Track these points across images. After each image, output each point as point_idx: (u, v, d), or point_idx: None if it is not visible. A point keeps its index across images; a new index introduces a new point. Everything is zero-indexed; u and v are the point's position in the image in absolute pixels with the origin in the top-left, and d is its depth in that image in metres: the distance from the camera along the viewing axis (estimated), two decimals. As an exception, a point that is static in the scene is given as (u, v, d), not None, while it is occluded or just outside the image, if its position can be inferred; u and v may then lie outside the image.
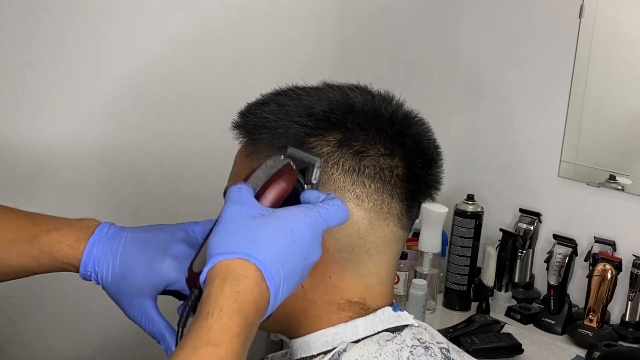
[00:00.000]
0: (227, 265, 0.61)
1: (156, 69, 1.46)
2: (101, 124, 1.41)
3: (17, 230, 0.78)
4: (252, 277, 0.61)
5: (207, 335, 0.57)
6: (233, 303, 0.59)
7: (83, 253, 0.75)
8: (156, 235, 0.77)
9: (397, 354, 0.73)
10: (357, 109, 0.75)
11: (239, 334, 0.58)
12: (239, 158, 0.79)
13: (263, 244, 0.62)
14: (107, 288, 0.76)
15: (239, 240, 0.62)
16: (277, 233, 0.63)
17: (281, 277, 0.62)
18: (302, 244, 0.64)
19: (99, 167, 1.42)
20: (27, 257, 0.77)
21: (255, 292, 0.60)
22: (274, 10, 1.63)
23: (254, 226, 0.63)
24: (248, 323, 0.59)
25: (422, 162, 0.76)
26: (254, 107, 0.78)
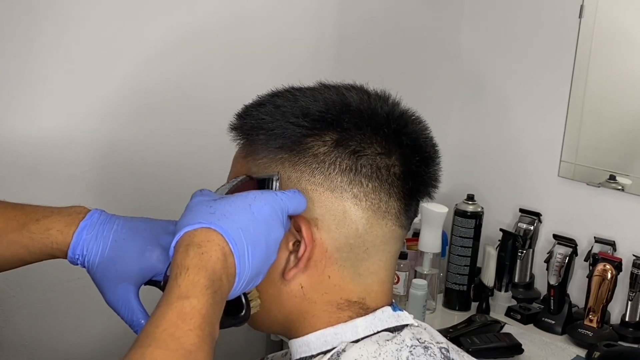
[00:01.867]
0: (190, 234, 0.65)
1: (155, 69, 1.46)
2: (100, 123, 1.41)
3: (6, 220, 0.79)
4: (214, 240, 0.64)
5: (178, 291, 0.61)
6: (198, 262, 0.63)
7: (72, 237, 0.76)
8: (148, 226, 0.78)
9: (396, 353, 0.73)
10: (353, 109, 0.75)
11: (207, 286, 0.62)
12: (237, 160, 0.80)
13: (223, 214, 0.66)
14: (92, 272, 0.77)
15: (200, 215, 0.66)
16: (236, 207, 0.67)
17: (244, 243, 0.66)
18: (261, 217, 0.68)
19: (98, 166, 1.42)
20: (17, 246, 0.78)
21: (218, 252, 0.64)
22: (273, 10, 1.63)
23: (214, 204, 0.68)
24: (216, 278, 0.63)
25: (419, 161, 0.77)
26: (251, 108, 0.79)
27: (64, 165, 1.37)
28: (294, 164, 0.74)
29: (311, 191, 0.74)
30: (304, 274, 0.75)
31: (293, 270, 0.74)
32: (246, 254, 0.66)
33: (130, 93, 1.44)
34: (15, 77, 1.29)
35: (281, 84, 0.81)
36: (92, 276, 0.77)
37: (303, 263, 0.74)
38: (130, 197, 1.47)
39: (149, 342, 0.59)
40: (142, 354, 0.58)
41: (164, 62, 1.47)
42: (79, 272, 1.39)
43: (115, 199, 1.45)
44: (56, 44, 1.31)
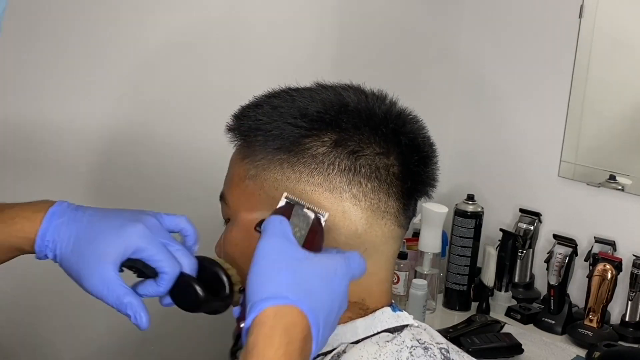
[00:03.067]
0: (275, 312, 0.59)
1: (155, 69, 1.46)
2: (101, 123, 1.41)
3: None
4: (300, 325, 0.59)
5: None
6: (281, 356, 0.57)
7: (41, 223, 0.73)
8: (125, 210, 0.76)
9: (396, 354, 0.73)
10: (351, 109, 0.75)
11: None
12: (234, 161, 0.80)
13: (309, 290, 0.61)
14: (65, 258, 0.73)
15: (284, 284, 0.61)
16: (320, 280, 0.63)
17: (322, 324, 0.61)
18: (339, 292, 0.64)
19: (98, 166, 1.42)
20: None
21: (302, 342, 0.59)
22: (273, 11, 1.63)
23: (300, 269, 0.62)
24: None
25: (418, 160, 0.77)
26: (248, 109, 0.79)
27: (65, 165, 1.37)
28: (292, 164, 0.74)
29: (310, 192, 0.73)
30: None
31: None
32: (321, 335, 0.62)
33: (130, 93, 1.44)
34: (16, 76, 1.28)
35: (280, 84, 0.80)
36: (66, 263, 0.73)
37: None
38: (131, 197, 1.47)
39: None
40: None
41: (164, 62, 1.47)
42: (79, 272, 1.40)
43: (115, 199, 1.45)
44: (57, 43, 1.31)
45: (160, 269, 0.72)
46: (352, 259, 0.67)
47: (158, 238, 0.73)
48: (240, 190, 0.77)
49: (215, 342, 1.50)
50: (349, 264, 0.66)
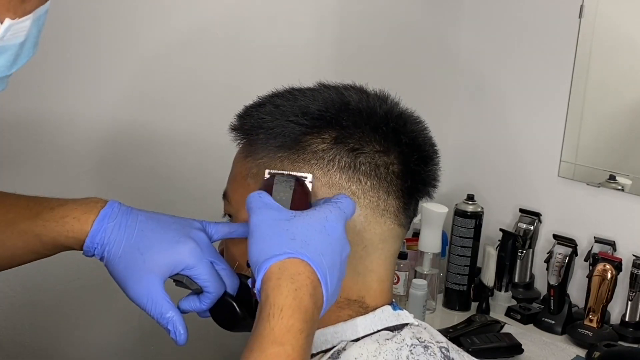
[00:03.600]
0: (279, 266, 0.62)
1: (157, 69, 1.46)
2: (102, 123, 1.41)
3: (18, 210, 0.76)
4: (304, 272, 0.62)
5: (272, 335, 0.59)
6: (292, 301, 0.60)
7: (92, 225, 0.73)
8: (174, 220, 0.76)
9: (396, 352, 0.73)
10: (352, 107, 0.76)
11: (302, 330, 0.60)
12: (237, 160, 0.80)
13: (304, 241, 0.64)
14: (113, 262, 0.73)
15: (282, 242, 0.64)
16: (313, 230, 0.65)
17: (326, 269, 0.64)
18: (335, 236, 0.66)
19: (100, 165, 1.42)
20: (29, 236, 0.75)
21: (310, 287, 0.62)
22: (274, 12, 1.63)
23: (290, 226, 0.65)
24: (308, 318, 0.61)
25: (418, 159, 0.77)
26: (251, 109, 0.80)
27: (67, 164, 1.37)
28: (293, 161, 0.74)
29: None
30: None
31: None
32: (328, 280, 0.64)
33: (133, 93, 1.44)
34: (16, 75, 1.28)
35: (282, 84, 0.81)
36: (112, 267, 0.74)
37: None
38: (132, 196, 1.47)
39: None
40: None
41: (166, 62, 1.47)
42: (78, 272, 1.40)
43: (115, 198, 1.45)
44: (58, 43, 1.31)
45: (206, 289, 0.74)
46: (340, 201, 0.69)
47: (207, 257, 0.74)
48: (243, 188, 0.77)
49: (215, 342, 1.51)
50: (338, 207, 0.68)
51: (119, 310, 1.48)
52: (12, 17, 0.57)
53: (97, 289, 1.45)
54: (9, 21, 0.56)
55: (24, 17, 0.58)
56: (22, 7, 0.58)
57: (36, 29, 0.61)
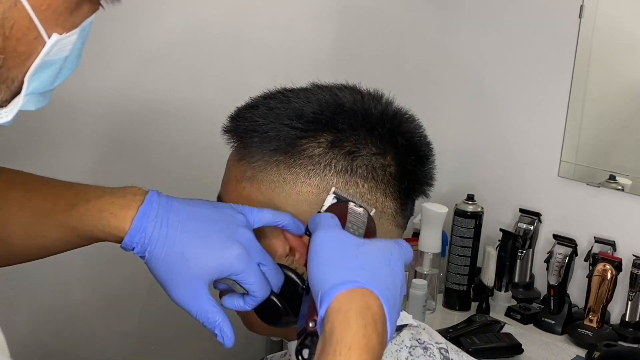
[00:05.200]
0: (348, 296, 0.59)
1: (155, 69, 1.46)
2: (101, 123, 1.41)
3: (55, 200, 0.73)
4: (374, 306, 0.59)
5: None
6: (361, 339, 0.57)
7: (131, 222, 0.69)
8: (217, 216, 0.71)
9: (395, 354, 0.73)
10: (347, 109, 0.75)
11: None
12: (231, 163, 0.80)
13: (373, 272, 0.61)
14: (154, 263, 0.69)
15: (351, 269, 0.61)
16: (380, 262, 0.63)
17: (391, 305, 0.61)
18: (398, 273, 0.64)
19: (100, 165, 1.42)
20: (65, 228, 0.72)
21: (378, 324, 0.59)
22: (273, 12, 1.63)
23: (359, 254, 0.62)
24: (374, 358, 0.58)
25: (415, 160, 0.77)
26: (244, 111, 0.79)
27: (66, 164, 1.37)
28: (289, 166, 0.74)
29: (307, 193, 0.74)
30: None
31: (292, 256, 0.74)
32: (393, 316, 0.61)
33: (129, 92, 1.44)
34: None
35: (280, 84, 0.80)
36: (155, 269, 0.70)
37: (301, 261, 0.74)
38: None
39: None
40: None
41: (164, 62, 1.47)
42: (78, 272, 1.40)
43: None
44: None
45: (252, 292, 0.70)
46: (402, 243, 0.67)
47: (254, 260, 0.70)
48: (237, 191, 0.77)
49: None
50: (400, 247, 0.66)
51: (119, 310, 1.48)
52: (60, 32, 0.55)
53: (97, 289, 1.45)
54: (57, 36, 0.55)
55: (72, 31, 0.56)
56: (70, 21, 0.56)
57: (80, 42, 0.59)
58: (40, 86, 0.57)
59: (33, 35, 0.54)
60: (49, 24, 0.54)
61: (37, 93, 0.58)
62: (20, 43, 0.54)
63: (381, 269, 0.62)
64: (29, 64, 0.55)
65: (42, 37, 0.54)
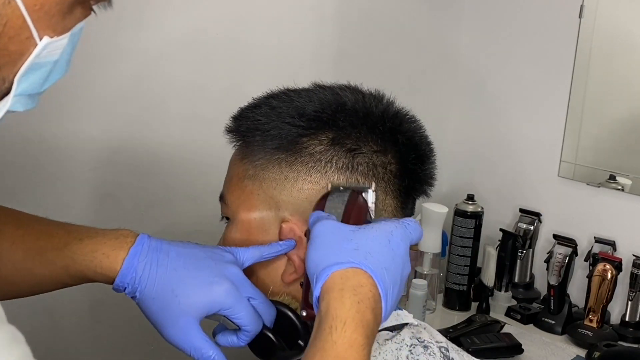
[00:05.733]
0: (341, 275, 0.61)
1: (156, 70, 1.46)
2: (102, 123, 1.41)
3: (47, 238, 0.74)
4: (367, 285, 0.61)
5: (334, 349, 0.58)
6: (355, 314, 0.59)
7: (122, 263, 0.71)
8: (206, 255, 0.73)
9: (396, 352, 0.73)
10: (348, 108, 0.76)
11: (364, 346, 0.59)
12: (233, 162, 0.80)
13: (368, 252, 0.63)
14: (146, 302, 0.71)
15: (345, 251, 0.63)
16: (378, 243, 0.64)
17: (388, 284, 0.63)
18: (398, 253, 0.66)
19: (100, 165, 1.42)
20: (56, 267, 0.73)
21: (372, 301, 0.61)
22: (273, 13, 1.63)
23: (354, 237, 0.64)
24: (369, 333, 0.60)
25: (415, 158, 0.77)
26: (247, 110, 0.79)
27: (66, 164, 1.37)
28: (290, 163, 0.74)
29: (308, 190, 0.74)
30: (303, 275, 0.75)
31: (293, 275, 0.75)
32: (389, 295, 0.63)
33: (132, 93, 1.44)
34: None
35: (281, 85, 0.81)
36: (146, 308, 0.72)
37: (301, 269, 0.74)
38: (132, 197, 1.47)
39: None
40: None
41: (164, 64, 1.47)
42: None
43: (116, 199, 1.45)
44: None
45: (244, 328, 0.71)
46: (408, 222, 0.68)
47: (243, 294, 0.71)
48: (240, 190, 0.77)
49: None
50: (405, 227, 0.67)
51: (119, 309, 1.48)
52: (51, 35, 0.55)
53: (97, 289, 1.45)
54: (47, 39, 0.55)
55: (63, 35, 0.57)
56: (62, 25, 0.56)
57: (70, 47, 0.60)
58: (29, 88, 0.58)
59: (25, 35, 0.54)
60: (41, 26, 0.55)
61: (25, 95, 0.58)
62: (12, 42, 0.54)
63: (378, 250, 0.63)
64: (20, 64, 0.55)
65: (33, 37, 0.55)
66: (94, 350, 1.49)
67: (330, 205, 0.69)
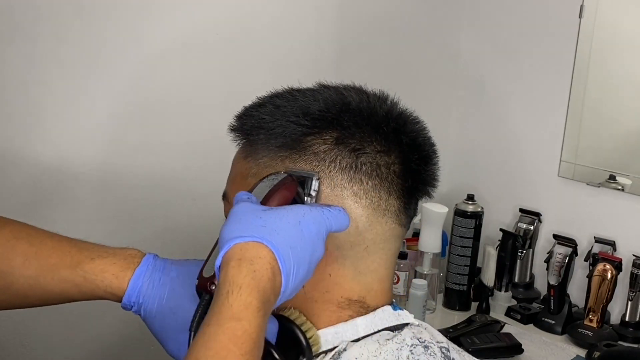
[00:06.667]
0: (241, 247, 0.63)
1: (156, 72, 1.46)
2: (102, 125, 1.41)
3: (60, 255, 0.78)
4: (266, 257, 0.63)
5: (230, 311, 0.60)
6: (251, 281, 0.61)
7: (128, 283, 0.75)
8: None
9: (396, 353, 0.73)
10: (352, 108, 0.76)
11: (259, 309, 0.61)
12: (237, 160, 0.80)
13: (274, 230, 0.65)
14: (149, 320, 0.76)
15: (251, 227, 0.65)
16: (286, 222, 0.66)
17: (292, 262, 0.64)
18: (309, 235, 0.67)
19: (98, 166, 1.42)
20: (68, 284, 0.77)
21: (269, 272, 0.62)
22: (273, 13, 1.63)
23: (265, 216, 0.66)
24: (265, 299, 0.62)
25: (419, 159, 0.77)
26: (251, 109, 0.79)
27: (64, 165, 1.37)
28: (294, 161, 0.74)
29: None
30: None
31: None
32: (292, 273, 0.65)
33: (131, 95, 1.44)
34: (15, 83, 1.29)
35: (282, 85, 0.81)
36: (149, 324, 0.76)
37: None
38: (131, 197, 1.47)
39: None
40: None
41: (165, 65, 1.47)
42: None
43: (115, 199, 1.45)
44: (57, 47, 1.32)
45: None
46: (329, 209, 0.70)
47: None
48: (243, 188, 0.77)
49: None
50: (322, 212, 0.69)
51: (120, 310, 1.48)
52: None
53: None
54: None
55: None
56: None
57: None
58: None
59: None
60: None
61: None
62: None
63: (286, 229, 0.65)
64: None
65: None
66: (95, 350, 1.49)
67: (259, 189, 0.72)
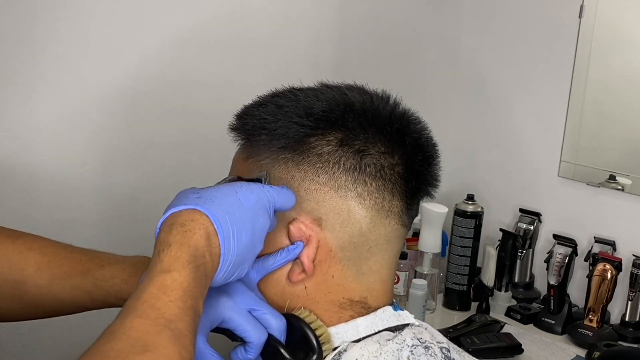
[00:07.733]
0: (174, 215, 0.65)
1: (154, 69, 1.46)
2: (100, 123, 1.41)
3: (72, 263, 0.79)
4: (198, 220, 0.64)
5: (160, 266, 0.62)
6: (180, 238, 0.63)
7: None
8: None
9: (397, 353, 0.73)
10: (356, 108, 0.75)
11: (189, 261, 0.62)
12: (237, 161, 0.79)
13: (209, 198, 0.67)
14: None
15: (186, 199, 0.67)
16: (222, 192, 0.68)
17: (229, 225, 0.66)
18: (247, 204, 0.68)
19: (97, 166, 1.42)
20: (80, 291, 0.79)
21: (202, 231, 0.64)
22: (273, 11, 1.63)
23: (202, 190, 0.68)
24: (198, 254, 0.63)
25: (422, 160, 0.77)
26: (252, 108, 0.79)
27: (62, 166, 1.37)
28: (297, 163, 0.74)
29: (315, 191, 0.73)
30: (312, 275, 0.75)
31: (301, 274, 0.74)
32: (231, 236, 0.66)
33: (129, 93, 1.44)
34: (13, 78, 1.28)
35: (281, 84, 0.80)
36: None
37: (310, 270, 0.74)
38: (130, 197, 1.47)
39: (128, 313, 0.59)
40: (122, 324, 0.58)
41: (163, 62, 1.47)
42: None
43: (114, 199, 1.45)
44: (55, 45, 1.31)
45: (247, 339, 0.72)
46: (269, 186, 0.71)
47: (243, 306, 0.72)
48: None
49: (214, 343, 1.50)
50: (260, 187, 0.70)
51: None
52: None
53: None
54: None
55: None
56: None
57: None
58: None
59: None
60: None
61: None
62: None
63: (222, 198, 0.67)
64: None
65: None
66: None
67: None
